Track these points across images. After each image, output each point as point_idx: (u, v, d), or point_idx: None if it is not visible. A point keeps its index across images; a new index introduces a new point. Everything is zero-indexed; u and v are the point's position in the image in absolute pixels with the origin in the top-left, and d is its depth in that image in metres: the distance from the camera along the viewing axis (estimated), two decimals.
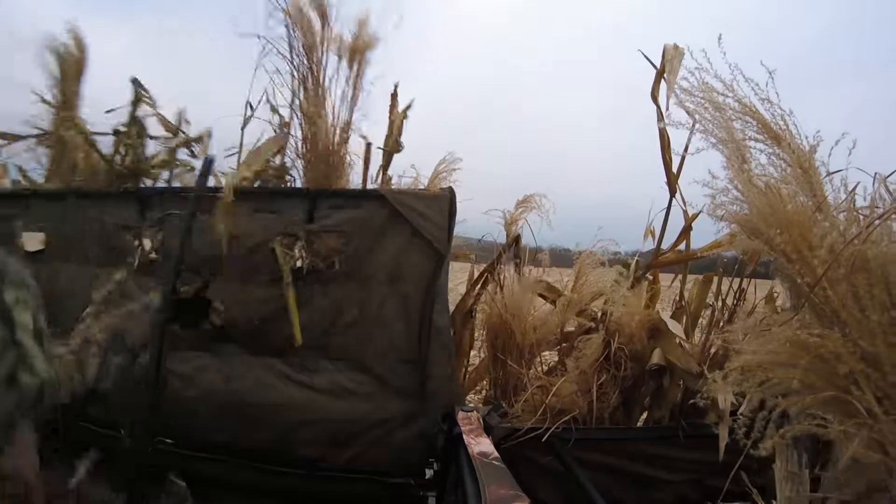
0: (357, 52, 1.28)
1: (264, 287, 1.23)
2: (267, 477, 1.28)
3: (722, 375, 0.55)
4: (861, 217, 0.56)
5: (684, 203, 1.26)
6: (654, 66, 1.24)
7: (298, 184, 1.30)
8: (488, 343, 1.38)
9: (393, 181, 1.38)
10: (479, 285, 1.50)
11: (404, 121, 1.40)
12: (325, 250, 1.20)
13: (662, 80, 1.23)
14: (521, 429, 1.06)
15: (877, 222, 0.53)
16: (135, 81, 1.51)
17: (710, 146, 0.75)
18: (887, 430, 0.47)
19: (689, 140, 1.14)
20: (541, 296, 1.40)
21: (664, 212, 1.27)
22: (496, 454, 0.88)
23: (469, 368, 1.56)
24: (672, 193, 1.26)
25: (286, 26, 1.25)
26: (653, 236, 1.33)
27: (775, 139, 0.66)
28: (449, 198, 1.20)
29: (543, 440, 1.02)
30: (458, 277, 1.61)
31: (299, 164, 1.30)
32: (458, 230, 1.26)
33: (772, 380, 0.54)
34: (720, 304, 1.20)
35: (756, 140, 0.67)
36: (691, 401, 1.14)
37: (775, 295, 1.07)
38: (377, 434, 1.24)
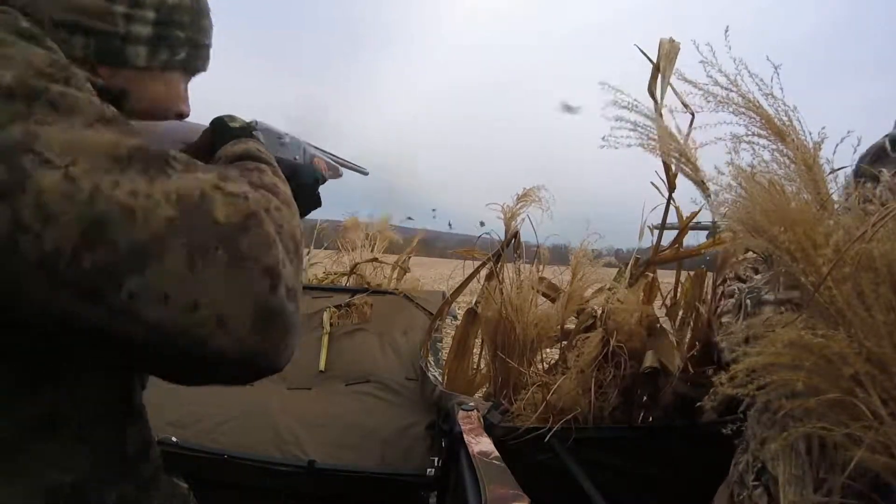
0: None
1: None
2: (267, 477, 1.28)
3: (728, 377, 0.54)
4: (867, 215, 0.55)
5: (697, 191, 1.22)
6: (651, 61, 1.22)
7: None
8: (488, 340, 1.36)
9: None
10: (479, 281, 1.49)
11: None
12: (359, 315, 1.88)
13: (659, 76, 1.21)
14: (521, 428, 1.05)
15: (883, 220, 0.52)
16: None
17: (713, 140, 0.73)
18: (893, 434, 0.46)
19: (688, 135, 1.12)
20: (542, 294, 1.39)
21: (663, 208, 1.25)
22: (496, 453, 0.87)
23: (473, 367, 1.55)
24: (671, 189, 1.24)
25: None
26: (651, 233, 1.31)
27: (779, 135, 0.65)
28: (442, 292, 1.94)
29: (546, 440, 1.02)
30: (459, 275, 1.61)
31: None
32: (458, 228, 1.30)
33: (775, 381, 0.53)
34: (709, 300, 1.17)
35: (759, 136, 0.66)
36: (690, 399, 1.13)
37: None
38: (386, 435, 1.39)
